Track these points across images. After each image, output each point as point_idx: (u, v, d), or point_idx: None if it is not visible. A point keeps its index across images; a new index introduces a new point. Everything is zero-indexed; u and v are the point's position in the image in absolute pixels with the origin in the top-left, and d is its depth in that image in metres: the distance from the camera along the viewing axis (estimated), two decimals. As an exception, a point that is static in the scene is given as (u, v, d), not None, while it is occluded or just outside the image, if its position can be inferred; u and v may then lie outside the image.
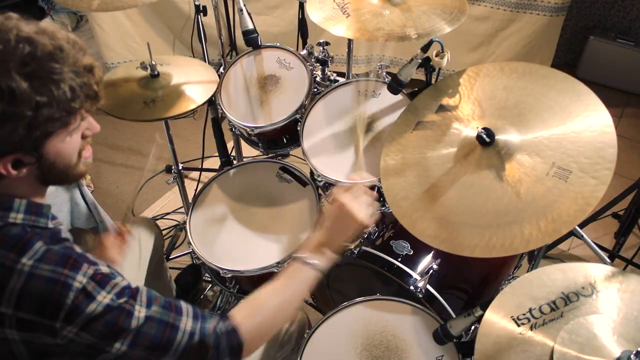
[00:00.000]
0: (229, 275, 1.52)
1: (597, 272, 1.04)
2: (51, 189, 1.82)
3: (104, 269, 0.87)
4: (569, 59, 3.27)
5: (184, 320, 0.92)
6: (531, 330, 0.97)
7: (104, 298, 0.84)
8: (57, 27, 0.86)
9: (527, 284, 1.05)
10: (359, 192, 1.10)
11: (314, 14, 1.50)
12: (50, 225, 0.92)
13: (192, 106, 1.62)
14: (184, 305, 0.94)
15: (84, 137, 0.92)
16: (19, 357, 0.85)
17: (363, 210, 1.07)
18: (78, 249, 0.89)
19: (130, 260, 1.50)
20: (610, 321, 0.95)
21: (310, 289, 1.06)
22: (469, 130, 1.24)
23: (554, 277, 1.04)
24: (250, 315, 1.00)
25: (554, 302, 1.00)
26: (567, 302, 1.00)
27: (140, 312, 0.87)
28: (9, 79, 0.76)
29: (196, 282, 2.08)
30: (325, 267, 1.06)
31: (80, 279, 0.83)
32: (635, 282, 1.01)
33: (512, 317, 1.00)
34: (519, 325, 0.98)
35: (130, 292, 0.89)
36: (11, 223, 0.86)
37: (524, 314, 1.00)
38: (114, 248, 1.28)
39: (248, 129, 1.69)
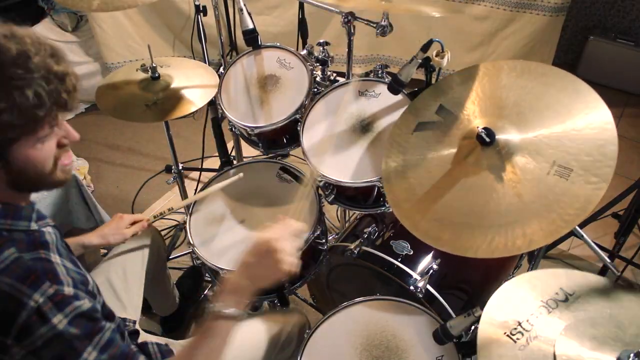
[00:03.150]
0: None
1: (562, 278, 1.05)
2: (51, 189, 1.82)
3: (68, 289, 0.83)
4: (569, 59, 3.27)
5: None
6: (528, 344, 0.97)
7: (59, 322, 0.81)
8: (33, 32, 0.83)
9: (506, 298, 1.05)
10: (284, 238, 0.96)
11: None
12: (34, 226, 0.89)
13: (193, 109, 1.62)
14: (140, 358, 0.90)
15: (60, 145, 0.90)
16: None
17: (287, 258, 0.95)
18: (53, 259, 0.85)
19: (133, 269, 1.50)
20: (594, 323, 0.96)
21: (229, 337, 0.97)
22: (469, 130, 1.24)
23: (528, 287, 1.06)
24: None
25: (538, 312, 1.01)
26: (549, 309, 1.00)
27: (90, 355, 0.83)
28: None
29: (197, 286, 2.08)
30: (241, 312, 0.96)
31: (37, 298, 0.80)
32: (597, 282, 1.03)
33: (505, 333, 0.99)
34: (515, 342, 0.97)
35: (90, 326, 0.84)
36: None
37: (515, 329, 0.99)
38: (129, 225, 1.42)
39: (248, 129, 1.69)
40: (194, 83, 1.71)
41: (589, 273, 1.07)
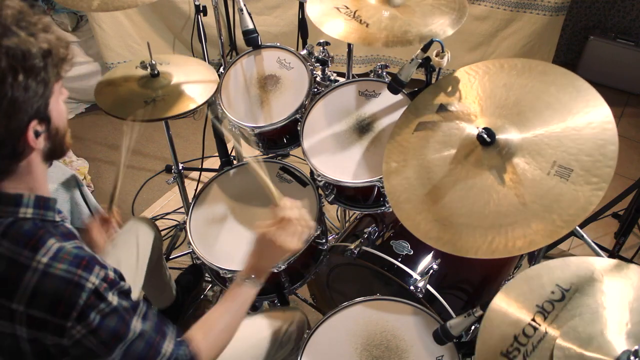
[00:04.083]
0: (229, 276, 1.51)
1: (560, 271, 1.02)
2: (51, 189, 1.82)
3: (111, 273, 0.89)
4: (569, 58, 3.27)
5: (167, 343, 0.95)
6: (525, 359, 0.95)
7: (112, 299, 0.86)
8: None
9: (500, 313, 1.01)
10: (285, 220, 1.15)
11: (314, 15, 1.51)
12: (57, 218, 0.93)
13: (192, 106, 1.62)
14: (169, 328, 0.98)
15: None
16: (24, 355, 0.86)
17: (288, 238, 1.13)
18: (87, 249, 0.90)
19: (128, 260, 1.51)
20: (596, 317, 0.95)
21: (249, 304, 1.13)
22: (470, 130, 1.24)
23: (521, 291, 1.02)
24: (205, 337, 1.05)
25: (533, 320, 0.98)
26: (545, 314, 0.98)
27: (136, 325, 0.90)
28: (16, 37, 0.78)
29: (197, 281, 2.08)
30: (260, 286, 1.14)
31: (93, 280, 0.84)
32: (587, 269, 1.01)
33: (501, 352, 0.97)
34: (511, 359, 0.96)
35: (133, 303, 0.91)
36: (22, 218, 0.86)
37: (512, 346, 0.98)
38: (100, 233, 1.32)
39: (248, 129, 1.69)
40: (193, 80, 1.71)
41: (585, 257, 1.04)
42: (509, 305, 1.01)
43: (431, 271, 1.41)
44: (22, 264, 0.82)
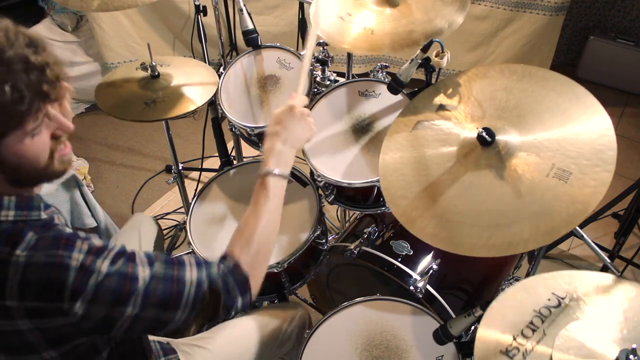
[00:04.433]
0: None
1: (555, 281, 1.04)
2: (51, 189, 1.83)
3: (97, 241, 0.87)
4: (569, 59, 3.27)
5: (188, 270, 0.91)
6: (524, 358, 0.96)
7: (102, 265, 0.83)
8: (7, 22, 0.81)
9: (498, 313, 1.02)
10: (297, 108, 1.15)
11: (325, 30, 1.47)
12: (44, 215, 0.90)
13: (193, 107, 1.62)
14: (185, 257, 0.94)
15: (55, 136, 0.88)
16: (36, 346, 0.85)
17: (302, 122, 1.15)
18: (69, 230, 0.88)
19: None
20: (590, 323, 0.96)
21: (282, 198, 1.10)
22: (469, 130, 1.24)
23: (519, 297, 1.03)
24: (245, 246, 1.01)
25: (532, 323, 0.99)
26: (543, 318, 0.99)
27: (144, 272, 0.87)
28: None
29: None
30: (289, 172, 1.12)
31: (77, 256, 0.82)
32: (590, 278, 1.02)
33: (501, 350, 0.98)
34: (511, 358, 0.97)
35: (128, 256, 0.88)
36: (3, 221, 0.85)
37: (511, 345, 0.99)
38: None
39: (248, 129, 1.69)
40: (193, 82, 1.72)
41: (585, 272, 1.06)
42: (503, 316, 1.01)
43: (431, 271, 1.42)
44: (3, 260, 0.81)
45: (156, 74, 1.67)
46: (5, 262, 0.81)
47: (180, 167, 2.01)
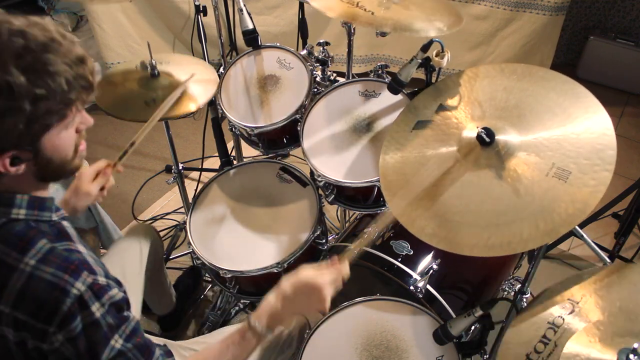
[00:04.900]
0: (229, 276, 1.52)
1: (570, 285, 1.04)
2: (52, 189, 1.82)
3: (102, 279, 0.87)
4: (569, 58, 3.27)
5: None
6: None
7: (96, 310, 0.84)
8: (47, 19, 0.85)
9: (516, 333, 1.03)
10: (330, 274, 1.05)
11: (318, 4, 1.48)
12: (55, 217, 0.91)
13: (193, 106, 1.62)
14: (157, 353, 0.95)
15: (78, 131, 0.91)
16: (15, 356, 0.85)
17: (329, 291, 1.02)
18: (80, 249, 0.89)
19: (132, 265, 1.50)
20: (600, 324, 0.96)
21: (251, 353, 1.04)
22: (469, 130, 1.24)
23: (534, 310, 1.04)
24: None
25: (544, 337, 1.00)
26: (555, 329, 1.00)
27: (116, 343, 0.87)
28: (6, 74, 0.76)
29: (196, 286, 2.08)
30: (269, 333, 1.03)
31: (79, 286, 0.83)
32: (609, 278, 1.02)
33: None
34: None
35: (119, 319, 0.88)
36: (14, 219, 0.85)
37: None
38: (91, 183, 1.27)
39: (248, 129, 1.69)
40: (193, 80, 1.71)
41: (590, 269, 1.06)
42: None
43: (431, 271, 1.41)
44: (9, 265, 0.82)
45: (156, 72, 1.67)
46: (11, 267, 0.82)
47: (180, 167, 2.01)
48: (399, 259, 1.45)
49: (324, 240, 1.63)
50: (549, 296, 1.05)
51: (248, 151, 2.16)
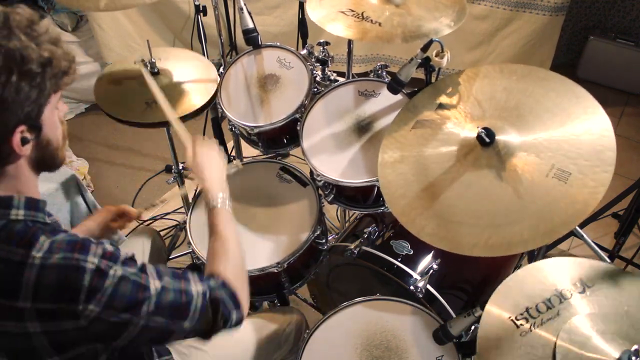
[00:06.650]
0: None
1: (587, 268, 1.04)
2: (51, 189, 1.83)
3: (109, 246, 0.89)
4: (569, 59, 3.26)
5: (193, 284, 0.95)
6: (530, 330, 0.97)
7: (117, 271, 0.86)
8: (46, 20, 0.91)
9: (519, 281, 1.05)
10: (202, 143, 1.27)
11: (317, 18, 1.49)
12: (48, 221, 0.93)
13: (194, 107, 1.62)
14: (188, 272, 0.98)
15: (60, 120, 0.94)
16: (40, 351, 0.86)
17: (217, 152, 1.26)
18: (79, 234, 0.90)
19: None
20: (605, 318, 0.96)
21: (232, 222, 1.16)
22: (469, 130, 1.24)
23: (546, 273, 1.05)
24: (226, 264, 1.05)
25: (549, 300, 1.01)
26: (562, 299, 1.00)
27: (154, 283, 0.90)
28: (18, 41, 0.80)
29: None
30: (223, 202, 1.18)
31: (92, 260, 0.84)
32: (624, 279, 1.02)
33: (510, 317, 1.00)
34: (518, 327, 0.98)
35: (140, 267, 0.91)
36: (13, 220, 0.86)
37: (521, 314, 0.99)
38: (113, 222, 1.44)
39: (248, 129, 1.69)
40: (193, 78, 1.71)
41: (612, 265, 1.07)
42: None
43: (431, 271, 1.41)
44: (18, 262, 0.82)
45: (156, 70, 1.67)
46: (21, 263, 0.82)
47: (180, 167, 2.01)
48: (399, 259, 1.45)
49: (324, 240, 1.63)
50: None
51: (248, 151, 2.16)
